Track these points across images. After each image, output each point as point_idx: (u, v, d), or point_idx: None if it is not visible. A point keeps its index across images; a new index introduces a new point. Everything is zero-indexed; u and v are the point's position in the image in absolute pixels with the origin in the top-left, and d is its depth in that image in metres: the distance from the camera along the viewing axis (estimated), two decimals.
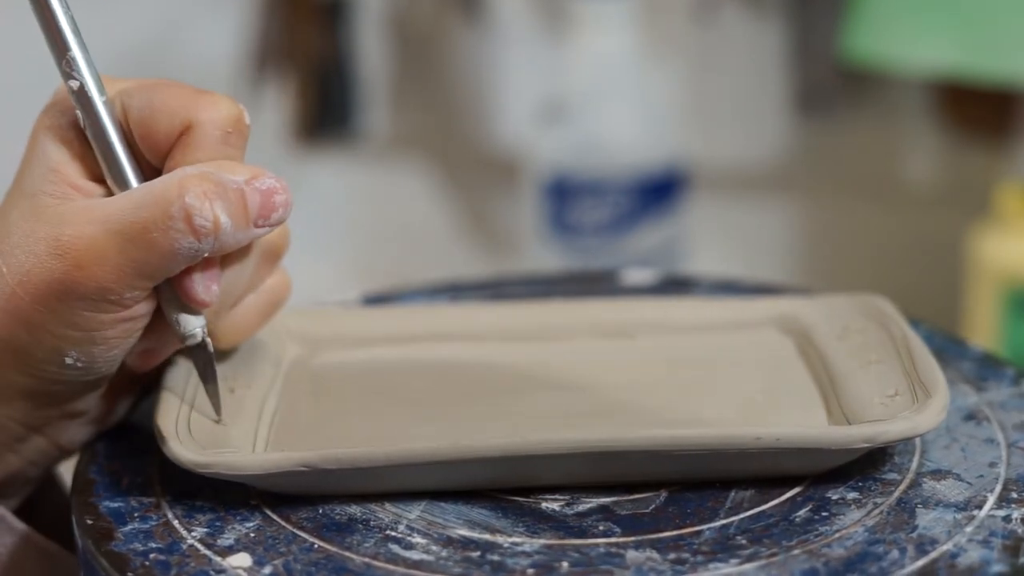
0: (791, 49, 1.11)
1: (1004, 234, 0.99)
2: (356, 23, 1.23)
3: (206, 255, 0.41)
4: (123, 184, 0.42)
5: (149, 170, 0.43)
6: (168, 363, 0.46)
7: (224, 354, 0.47)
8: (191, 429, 0.42)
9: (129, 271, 0.40)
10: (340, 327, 0.51)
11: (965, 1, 0.96)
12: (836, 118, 1.13)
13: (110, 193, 0.42)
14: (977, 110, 1.08)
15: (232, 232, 0.40)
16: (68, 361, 0.42)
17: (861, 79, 1.09)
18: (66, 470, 0.47)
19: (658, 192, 1.04)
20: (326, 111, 1.24)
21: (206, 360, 0.44)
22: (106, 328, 0.41)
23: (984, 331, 1.00)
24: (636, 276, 0.58)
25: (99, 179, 0.43)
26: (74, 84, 0.42)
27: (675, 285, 0.57)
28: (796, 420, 0.44)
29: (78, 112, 0.42)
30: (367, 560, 0.39)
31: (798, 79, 1.12)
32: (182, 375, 0.45)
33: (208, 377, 0.44)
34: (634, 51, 1.03)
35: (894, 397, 0.43)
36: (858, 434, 0.41)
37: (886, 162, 1.14)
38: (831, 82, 1.10)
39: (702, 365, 0.49)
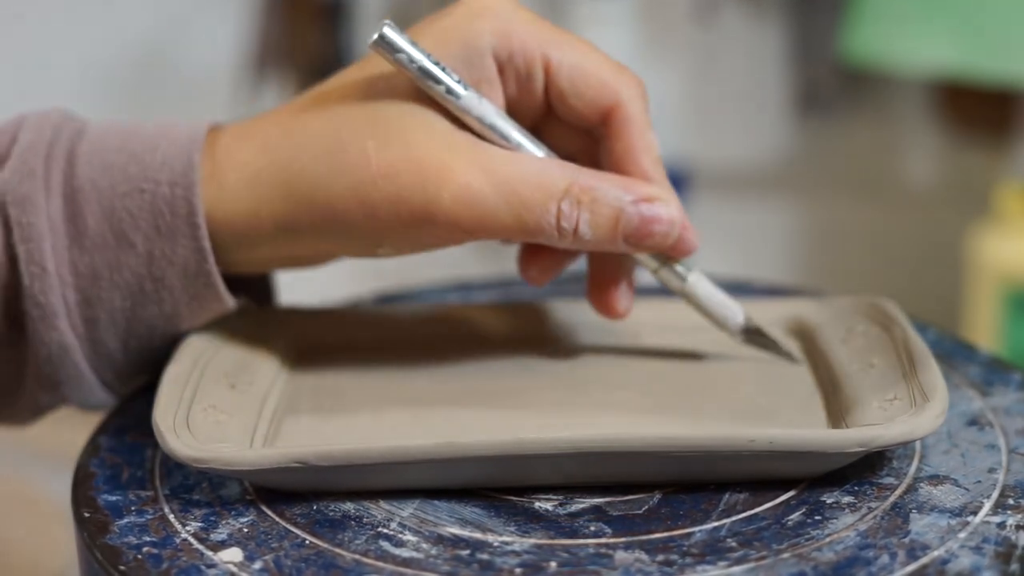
0: (791, 49, 1.11)
1: (1004, 234, 0.99)
2: (356, 23, 1.23)
3: (568, 248, 0.45)
4: (515, 147, 0.45)
5: (529, 122, 0.46)
6: (169, 359, 0.46)
7: (227, 350, 0.47)
8: (189, 424, 0.43)
9: (491, 226, 0.43)
10: (343, 326, 0.51)
11: (965, 1, 0.95)
12: (836, 118, 1.13)
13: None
14: (977, 110, 1.08)
15: (593, 242, 0.44)
16: (379, 251, 0.45)
17: (861, 79, 1.09)
18: (69, 463, 0.47)
19: None
20: None
21: (762, 339, 0.48)
22: (429, 249, 0.45)
23: (984, 331, 1.00)
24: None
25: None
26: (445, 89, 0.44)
27: None
28: (795, 422, 0.44)
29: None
30: (357, 557, 0.39)
31: (798, 79, 1.12)
32: (183, 371, 0.45)
33: (772, 347, 0.48)
34: (634, 50, 1.03)
35: (892, 401, 0.43)
36: (853, 438, 0.41)
37: (886, 162, 1.14)
38: (831, 82, 1.10)
39: (706, 366, 0.48)
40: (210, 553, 0.39)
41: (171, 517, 0.41)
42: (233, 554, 0.39)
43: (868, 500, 0.41)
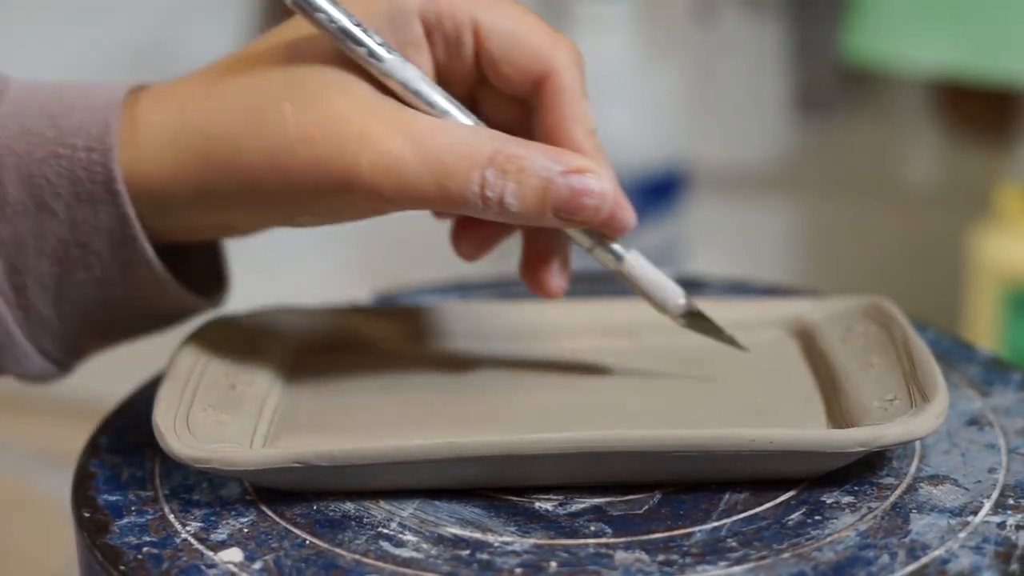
0: (791, 49, 1.11)
1: (1004, 234, 0.99)
2: None
3: (494, 219, 0.43)
4: (441, 114, 0.43)
5: (460, 90, 0.45)
6: (169, 359, 0.46)
7: (227, 351, 0.47)
8: (190, 424, 0.43)
9: (412, 195, 0.41)
10: (342, 325, 0.51)
11: (965, 1, 0.95)
12: (836, 118, 1.13)
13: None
14: (977, 110, 1.08)
15: (520, 214, 0.42)
16: (300, 220, 0.44)
17: (861, 79, 1.09)
18: (69, 463, 0.47)
19: (658, 192, 1.04)
20: None
21: (704, 323, 0.47)
22: (351, 219, 0.43)
23: (984, 331, 0.99)
24: None
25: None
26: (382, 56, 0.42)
27: (685, 286, 0.57)
28: (796, 422, 0.44)
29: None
30: (357, 557, 0.39)
31: (798, 79, 1.12)
32: (183, 370, 0.45)
33: (714, 332, 0.47)
34: (634, 51, 1.03)
35: (892, 401, 0.43)
36: (853, 437, 0.41)
37: (886, 162, 1.14)
38: (831, 82, 1.10)
39: (704, 366, 0.48)
40: (210, 553, 0.39)
41: (171, 517, 0.41)
42: (233, 554, 0.39)
43: (868, 500, 0.41)
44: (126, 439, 0.46)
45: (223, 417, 0.44)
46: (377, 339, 0.51)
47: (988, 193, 1.03)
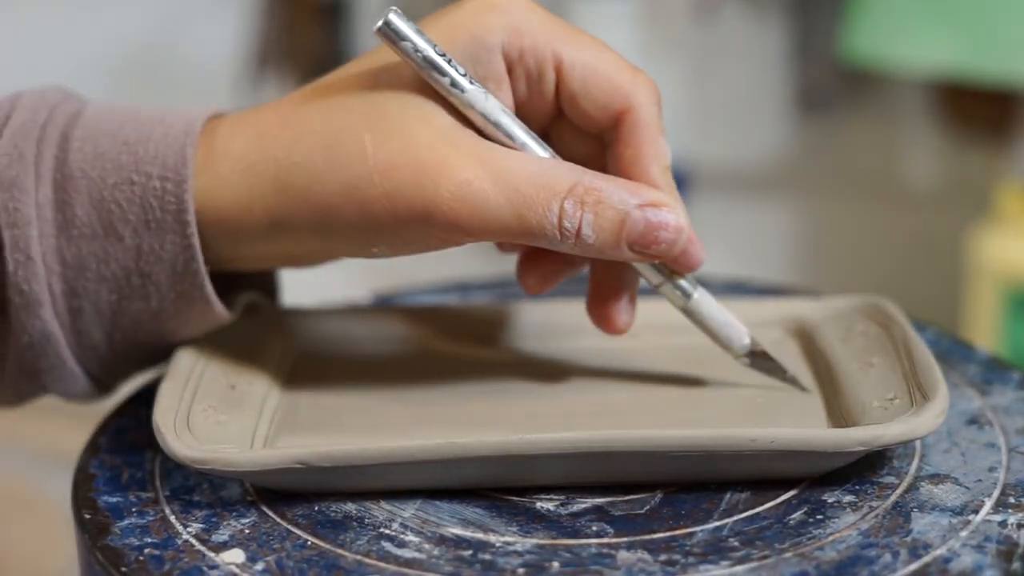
0: (791, 49, 1.11)
1: (1004, 234, 0.99)
2: (356, 23, 1.23)
3: (569, 252, 0.43)
4: (520, 146, 0.43)
5: (537, 124, 0.45)
6: (169, 360, 0.46)
7: (226, 351, 0.47)
8: (190, 425, 0.43)
9: (491, 225, 0.42)
10: (342, 326, 0.51)
11: (965, 1, 0.96)
12: (836, 118, 1.13)
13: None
14: (977, 110, 1.08)
15: (596, 246, 0.42)
16: (374, 251, 0.43)
17: (861, 79, 1.09)
18: (69, 463, 0.47)
19: None
20: None
21: (768, 363, 0.46)
22: (426, 250, 0.43)
23: (984, 330, 1.00)
24: None
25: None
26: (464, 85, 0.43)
27: None
28: (796, 422, 0.44)
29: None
30: (359, 558, 0.39)
31: (798, 79, 1.12)
32: (183, 371, 0.45)
33: (778, 372, 0.46)
34: (634, 51, 1.03)
35: (893, 400, 0.43)
36: (854, 437, 0.41)
37: (886, 162, 1.14)
38: (831, 82, 1.10)
39: (705, 366, 0.48)
40: (212, 554, 0.39)
41: (172, 518, 0.41)
42: (235, 555, 0.39)
43: (869, 499, 0.41)
44: (126, 439, 0.46)
45: (223, 418, 0.44)
46: (376, 340, 0.51)
47: (988, 193, 1.04)
